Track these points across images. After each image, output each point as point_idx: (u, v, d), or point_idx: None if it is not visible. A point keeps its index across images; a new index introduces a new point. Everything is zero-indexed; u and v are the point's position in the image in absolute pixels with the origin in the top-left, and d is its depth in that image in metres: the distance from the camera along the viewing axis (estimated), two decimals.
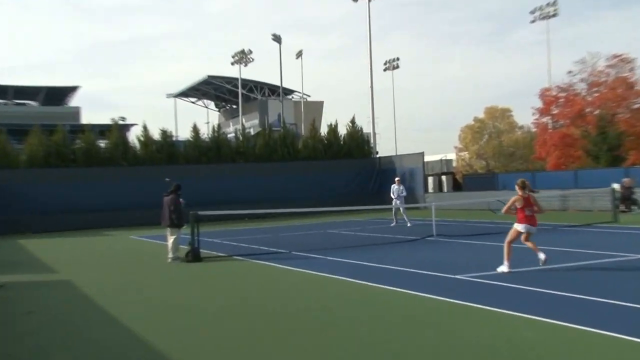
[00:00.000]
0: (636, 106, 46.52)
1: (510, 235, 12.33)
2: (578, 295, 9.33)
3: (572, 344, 6.88)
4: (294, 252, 17.17)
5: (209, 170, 37.26)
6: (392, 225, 24.94)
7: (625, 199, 27.21)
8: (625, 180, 28.18)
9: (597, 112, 44.74)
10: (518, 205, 12.28)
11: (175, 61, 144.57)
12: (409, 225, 24.36)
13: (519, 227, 12.31)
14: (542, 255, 11.86)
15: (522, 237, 12.28)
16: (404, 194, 25.95)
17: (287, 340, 7.68)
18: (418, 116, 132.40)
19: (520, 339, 7.12)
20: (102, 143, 38.61)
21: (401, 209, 25.31)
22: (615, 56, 47.29)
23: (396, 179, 26.83)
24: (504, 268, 11.98)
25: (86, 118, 67.01)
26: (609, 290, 9.70)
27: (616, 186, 26.32)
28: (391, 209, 26.00)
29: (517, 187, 12.61)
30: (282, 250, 17.73)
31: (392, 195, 25.84)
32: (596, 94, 47.69)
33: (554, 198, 30.83)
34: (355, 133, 43.95)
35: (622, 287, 9.99)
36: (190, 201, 17.24)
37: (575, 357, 6.44)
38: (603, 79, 47.67)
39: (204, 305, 10.40)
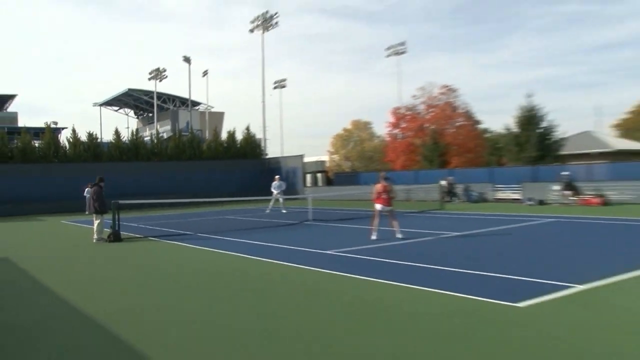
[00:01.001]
0: (458, 124, 48.92)
1: (375, 214, 13.77)
2: (413, 263, 9.79)
3: (407, 298, 7.30)
4: (198, 234, 17.00)
5: (128, 167, 36.61)
6: (266, 211, 25.11)
7: (449, 192, 28.84)
8: (449, 178, 29.83)
9: (432, 127, 46.68)
10: (380, 190, 13.66)
11: (100, 75, 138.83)
12: (284, 211, 24.80)
13: (377, 206, 13.68)
14: (398, 235, 13.33)
15: (378, 216, 13.64)
16: (283, 188, 26.33)
17: (185, 292, 8.03)
18: (300, 125, 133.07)
19: (372, 298, 7.48)
20: (37, 143, 37.12)
21: (280, 199, 25.59)
22: (445, 86, 49.60)
23: (276, 176, 27.21)
24: (373, 236, 13.35)
25: (23, 122, 63.70)
26: (435, 258, 10.18)
27: (443, 183, 27.88)
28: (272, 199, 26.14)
29: (380, 178, 14.06)
30: (189, 232, 17.54)
31: (272, 189, 26.10)
32: (431, 114, 49.71)
33: (400, 191, 32.11)
34: (250, 138, 44.06)
35: (443, 256, 10.44)
36: (114, 192, 16.93)
37: (409, 307, 6.80)
38: (436, 103, 49.81)
39: (121, 275, 10.38)
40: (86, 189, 26.23)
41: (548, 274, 8.45)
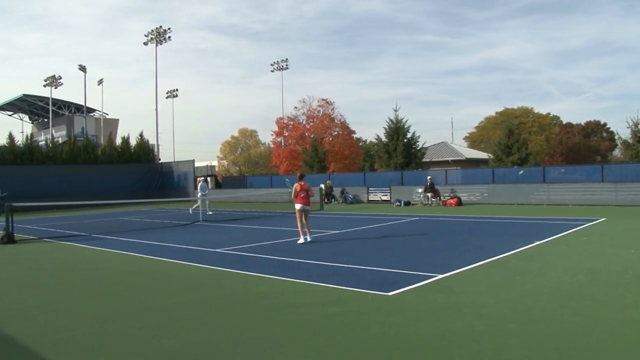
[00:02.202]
0: (335, 133, 50.19)
1: (297, 215, 12.59)
2: (294, 259, 9.93)
3: (285, 290, 7.36)
4: (93, 234, 16.16)
5: (23, 170, 33.63)
6: (190, 212, 23.87)
7: (327, 194, 29.49)
8: (328, 182, 30.53)
9: (312, 136, 47.49)
10: (297, 190, 12.65)
11: None
12: (209, 213, 23.65)
13: (297, 206, 12.58)
14: (307, 237, 12.33)
15: (301, 217, 12.48)
16: (205, 191, 24.90)
17: (73, 291, 7.46)
18: (191, 132, 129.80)
19: (257, 292, 7.47)
20: None
21: (200, 201, 23.37)
22: (323, 99, 50.72)
23: (199, 178, 26.06)
24: (301, 240, 12.25)
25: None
26: (313, 254, 10.34)
27: (323, 186, 28.45)
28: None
29: (297, 178, 13.17)
30: (84, 233, 16.61)
31: (197, 191, 24.73)
32: (311, 124, 50.62)
33: (284, 194, 32.34)
34: (143, 144, 42.33)
35: (321, 252, 10.64)
36: (9, 194, 15.55)
37: (287, 298, 6.86)
38: (316, 114, 50.79)
39: (12, 275, 9.64)
40: None
41: (414, 266, 8.90)
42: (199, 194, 24.23)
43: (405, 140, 36.54)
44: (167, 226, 18.59)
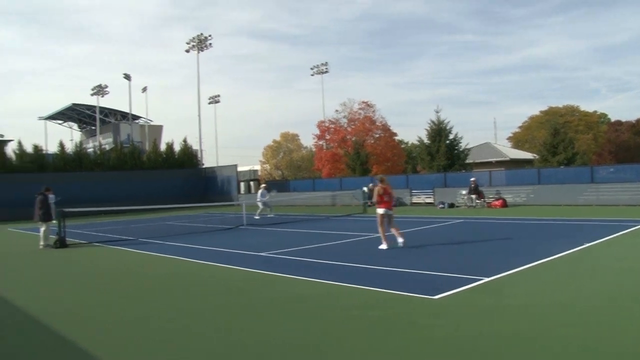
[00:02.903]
0: (376, 136, 49.96)
1: (379, 220, 11.85)
2: (338, 262, 9.87)
3: (330, 293, 7.35)
4: (140, 239, 16.46)
5: (73, 177, 35.00)
6: (270, 216, 24.16)
7: (370, 197, 29.28)
8: (370, 184, 30.33)
9: (354, 138, 47.41)
10: (380, 193, 11.85)
11: (46, 91, 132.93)
12: (270, 216, 24.10)
13: (380, 210, 11.84)
14: (400, 240, 11.53)
15: (384, 222, 11.75)
16: (266, 197, 25.28)
17: (124, 293, 7.62)
18: (233, 136, 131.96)
19: (299, 294, 7.49)
20: None
21: (261, 205, 24.59)
22: (364, 102, 50.63)
23: (262, 185, 26.37)
24: (383, 246, 11.45)
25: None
26: (358, 258, 10.29)
27: (365, 189, 28.30)
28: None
29: (378, 180, 12.30)
30: (131, 238, 16.97)
31: (258, 197, 25.21)
32: (353, 127, 50.58)
33: (327, 197, 32.41)
34: (187, 149, 43.25)
35: (364, 255, 10.58)
36: (59, 200, 16.10)
37: (332, 301, 6.85)
38: (357, 117, 50.70)
39: (66, 278, 10.04)
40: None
41: (459, 269, 8.74)
42: (259, 199, 24.84)
43: (447, 142, 36.01)
44: (211, 230, 18.85)
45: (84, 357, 5.10)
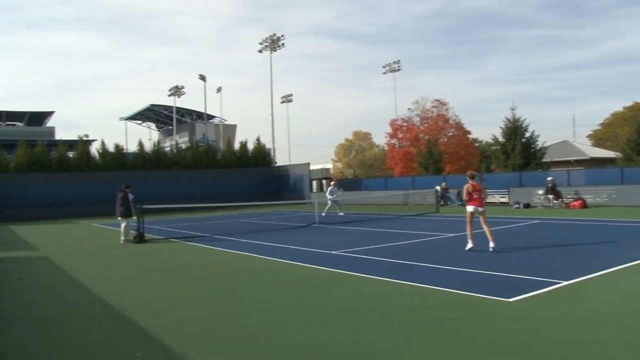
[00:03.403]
0: (449, 134, 48.91)
1: (468, 218, 11.44)
2: (411, 262, 9.79)
3: (404, 294, 7.31)
4: (214, 236, 16.95)
5: (151, 175, 36.83)
6: (322, 214, 23.38)
7: (443, 196, 28.80)
8: (443, 184, 29.82)
9: (426, 137, 46.69)
10: (469, 190, 11.45)
11: (126, 93, 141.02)
12: (340, 214, 24.15)
13: (469, 208, 11.45)
14: (491, 244, 10.87)
15: (473, 220, 11.37)
16: (338, 193, 25.27)
17: (201, 287, 7.91)
18: (306, 135, 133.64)
19: (371, 293, 7.50)
20: (71, 154, 37.65)
21: (330, 203, 24.67)
22: (437, 100, 49.69)
23: (332, 182, 26.52)
24: (470, 245, 11.03)
25: (59, 135, 63.96)
26: (431, 258, 10.16)
27: (438, 188, 27.86)
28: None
29: (468, 177, 11.69)
30: (206, 234, 17.52)
31: (327, 195, 25.28)
32: (425, 125, 49.81)
33: (400, 196, 32.13)
34: (260, 148, 44.21)
35: (437, 255, 10.44)
36: (138, 198, 16.94)
37: (405, 301, 6.81)
38: (430, 115, 49.87)
39: (145, 271, 10.57)
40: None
41: (537, 271, 8.43)
42: (330, 197, 24.91)
43: (523, 140, 34.68)
44: (284, 228, 19.14)
45: (165, 350, 5.30)
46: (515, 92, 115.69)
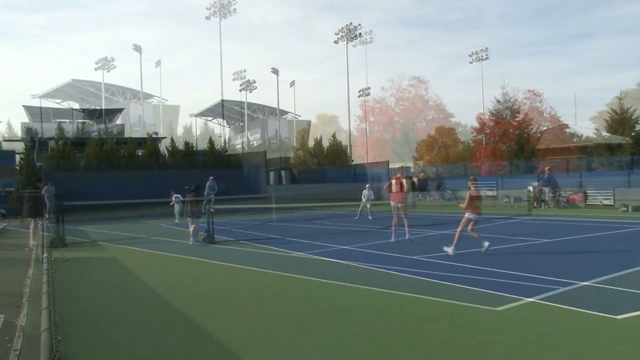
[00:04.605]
0: (544, 128, 46.91)
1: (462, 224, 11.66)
2: (503, 271, 9.39)
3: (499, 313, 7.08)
4: (287, 238, 16.62)
5: (220, 173, 37.01)
6: (355, 218, 24.40)
7: (536, 198, 27.61)
8: (536, 184, 28.59)
9: (517, 132, 45.06)
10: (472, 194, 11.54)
11: (195, 89, 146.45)
12: (370, 217, 24.14)
13: (470, 215, 11.58)
14: (485, 243, 11.29)
15: (469, 227, 11.53)
16: (372, 197, 25.67)
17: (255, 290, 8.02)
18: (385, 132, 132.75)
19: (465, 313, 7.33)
20: (140, 152, 39.00)
21: (368, 205, 25.12)
22: (530, 91, 47.81)
23: (367, 185, 26.77)
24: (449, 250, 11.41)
25: (128, 133, 67.03)
26: (521, 266, 9.72)
27: (530, 188, 26.76)
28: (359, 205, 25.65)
29: (469, 182, 11.88)
30: (278, 236, 17.19)
31: (362, 198, 25.69)
32: (516, 119, 48.04)
33: (486, 196, 31.12)
34: (336, 146, 44.18)
35: (531, 264, 9.98)
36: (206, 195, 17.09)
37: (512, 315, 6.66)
38: (521, 107, 48.07)
39: (212, 273, 10.95)
40: (174, 196, 26.73)
41: None
42: (364, 199, 25.14)
43: (633, 134, 32.64)
44: (359, 230, 18.74)
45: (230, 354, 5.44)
46: (621, 80, 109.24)
